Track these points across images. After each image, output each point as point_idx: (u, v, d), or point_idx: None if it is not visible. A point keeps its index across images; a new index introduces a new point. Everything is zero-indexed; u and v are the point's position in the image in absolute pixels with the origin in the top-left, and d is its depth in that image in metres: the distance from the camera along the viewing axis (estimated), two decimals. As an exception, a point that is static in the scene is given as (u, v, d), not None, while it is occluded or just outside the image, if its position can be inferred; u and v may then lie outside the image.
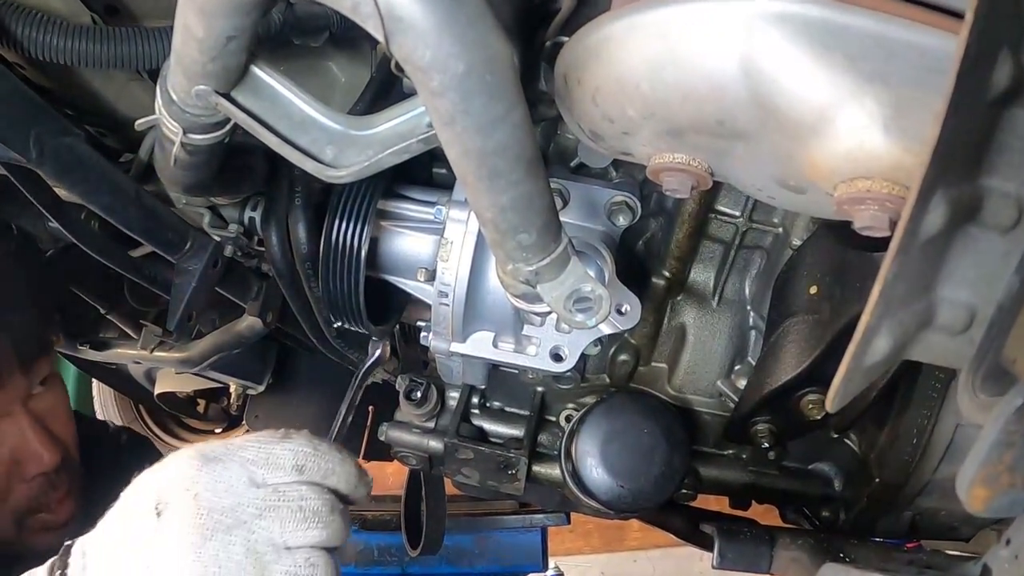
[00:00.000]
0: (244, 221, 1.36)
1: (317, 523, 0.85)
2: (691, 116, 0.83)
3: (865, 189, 0.77)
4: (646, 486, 1.11)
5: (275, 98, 0.97)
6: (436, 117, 0.74)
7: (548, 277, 0.90)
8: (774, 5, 0.75)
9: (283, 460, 0.87)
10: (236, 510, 0.83)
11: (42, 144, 1.14)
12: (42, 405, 1.32)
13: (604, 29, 0.84)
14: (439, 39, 0.66)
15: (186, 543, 0.81)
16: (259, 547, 0.83)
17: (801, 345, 1.08)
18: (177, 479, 0.85)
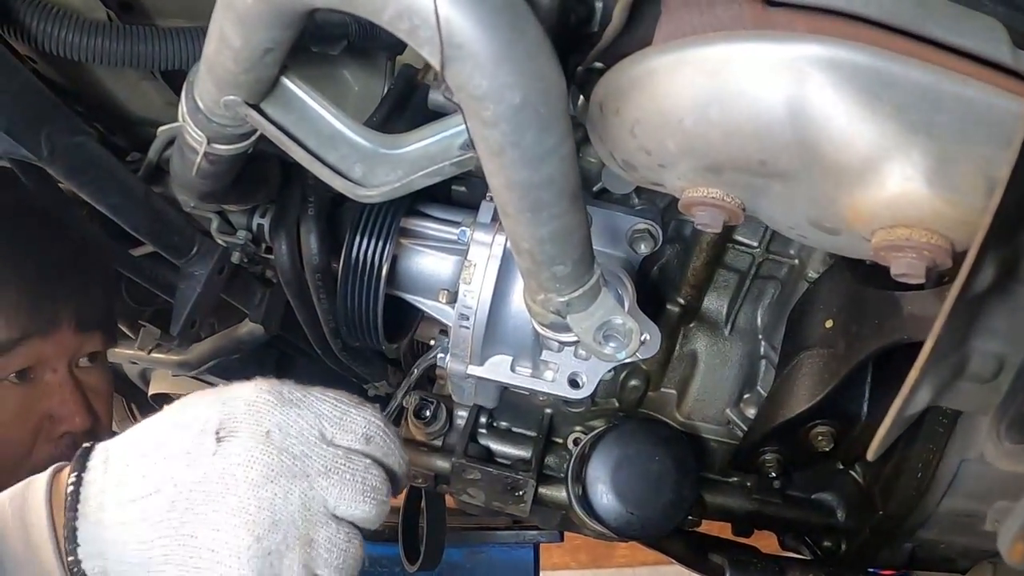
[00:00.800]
0: (252, 228, 1.35)
1: (372, 499, 0.81)
2: (733, 154, 0.83)
3: (904, 237, 0.77)
4: (655, 514, 1.11)
5: (305, 112, 0.95)
6: (484, 146, 0.73)
7: (578, 308, 0.89)
8: (826, 50, 0.75)
9: (356, 425, 0.83)
10: (304, 460, 0.79)
11: (53, 143, 1.11)
12: (87, 379, 1.32)
13: (650, 62, 0.83)
14: (497, 69, 0.65)
15: (247, 476, 0.77)
16: (313, 504, 0.79)
17: (815, 378, 1.08)
18: (248, 411, 0.80)
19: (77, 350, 1.31)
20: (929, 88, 0.74)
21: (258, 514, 0.77)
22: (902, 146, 0.75)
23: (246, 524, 0.76)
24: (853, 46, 0.75)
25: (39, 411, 1.27)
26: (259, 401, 0.81)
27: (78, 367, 1.32)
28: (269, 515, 0.77)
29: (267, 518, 0.77)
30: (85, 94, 1.32)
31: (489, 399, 1.18)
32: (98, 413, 1.33)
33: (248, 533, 0.76)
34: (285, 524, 0.77)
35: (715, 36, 0.79)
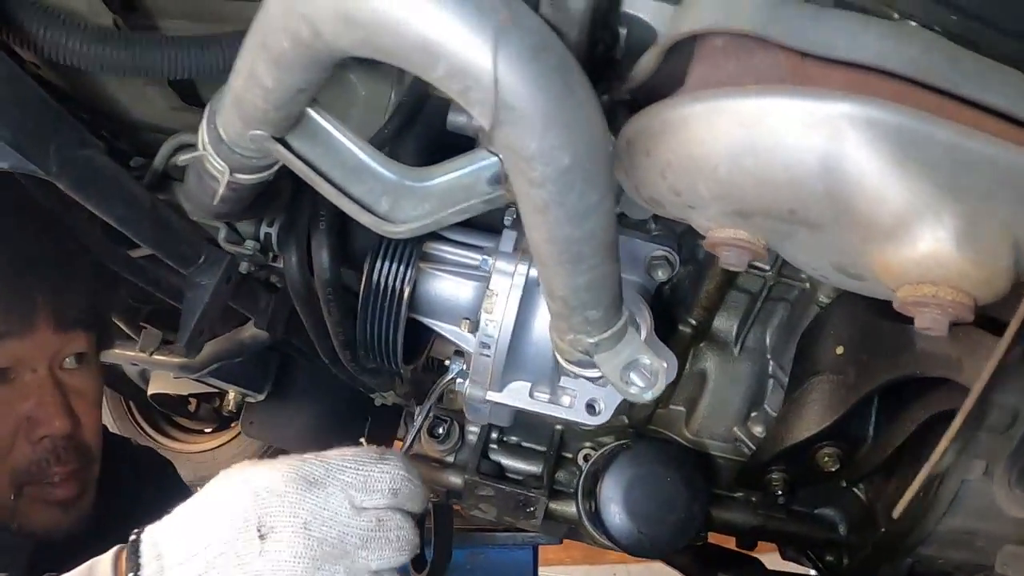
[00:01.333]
0: (260, 237, 1.34)
1: (407, 551, 0.91)
2: (764, 202, 0.84)
3: (931, 294, 0.79)
4: (666, 533, 1.14)
5: (330, 143, 0.94)
6: (527, 204, 0.74)
7: (606, 348, 0.91)
8: (861, 109, 0.76)
9: (380, 484, 0.90)
10: (342, 540, 0.87)
11: (61, 157, 1.08)
12: (71, 380, 1.30)
13: (685, 108, 0.84)
14: (546, 131, 0.65)
15: (297, 571, 0.85)
16: (358, 573, 0.88)
17: (825, 403, 1.11)
18: (281, 504, 0.87)
19: (59, 351, 1.29)
20: (957, 148, 0.75)
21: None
22: (933, 207, 0.76)
23: None
24: (887, 105, 0.76)
25: (17, 412, 1.26)
26: (288, 492, 0.88)
27: (62, 368, 1.30)
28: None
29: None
30: (89, 99, 1.30)
31: (504, 419, 1.20)
32: (79, 417, 1.31)
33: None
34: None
35: (753, 89, 0.80)
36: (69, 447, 1.28)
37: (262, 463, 0.93)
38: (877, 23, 0.80)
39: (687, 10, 0.84)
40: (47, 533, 1.28)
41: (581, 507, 1.23)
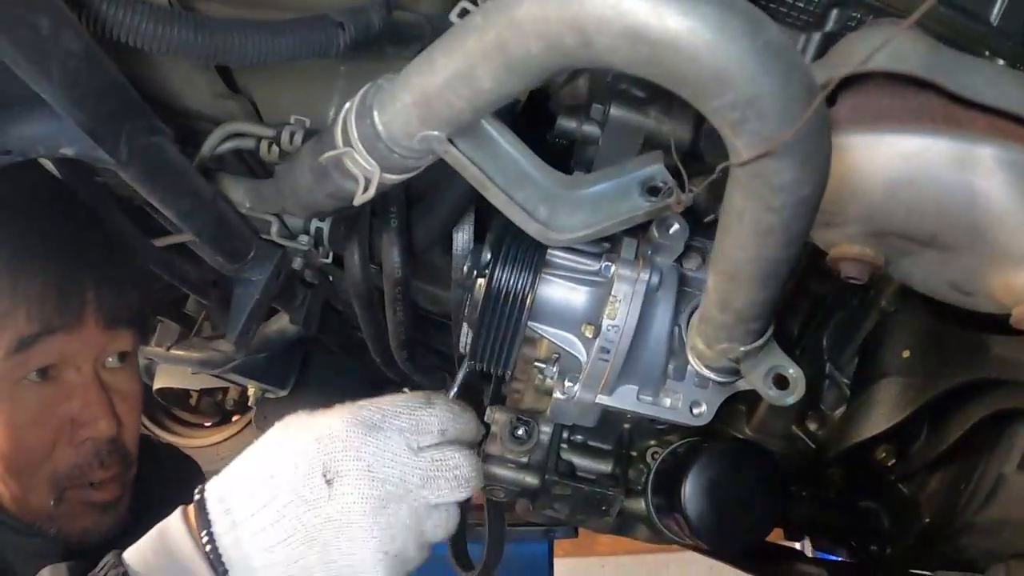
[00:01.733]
0: (311, 232, 1.46)
1: (466, 486, 1.09)
2: (909, 227, 1.08)
3: (1049, 312, 1.07)
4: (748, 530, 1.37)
5: (494, 149, 1.08)
6: (752, 226, 0.89)
7: (753, 356, 1.13)
8: (1009, 153, 1.01)
9: (431, 426, 1.09)
10: (404, 480, 1.05)
11: (132, 144, 1.17)
12: (114, 380, 1.39)
13: (846, 136, 1.06)
14: (804, 165, 0.81)
15: (363, 510, 1.03)
16: (420, 509, 1.07)
17: (892, 404, 1.38)
18: (344, 448, 1.04)
19: (104, 349, 1.37)
20: (1084, 191, 1.02)
21: (380, 533, 1.04)
22: (1065, 239, 1.03)
23: (373, 544, 1.04)
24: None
25: (61, 413, 1.33)
26: (350, 437, 1.05)
27: (105, 368, 1.38)
28: (388, 532, 1.05)
29: (387, 534, 1.05)
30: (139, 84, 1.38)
31: (591, 420, 1.39)
32: (122, 419, 1.40)
33: (377, 550, 1.04)
34: (402, 533, 1.06)
35: (916, 127, 1.03)
36: (112, 450, 1.37)
37: (317, 412, 1.11)
38: (1013, 74, 1.06)
39: (848, 52, 1.07)
40: (85, 536, 1.37)
41: (651, 503, 1.45)
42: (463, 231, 1.54)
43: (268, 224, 1.44)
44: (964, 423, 1.39)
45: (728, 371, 1.18)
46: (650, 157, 1.14)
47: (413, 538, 1.07)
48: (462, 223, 1.52)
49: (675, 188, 1.10)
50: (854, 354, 1.49)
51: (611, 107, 1.26)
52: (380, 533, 1.04)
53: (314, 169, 1.20)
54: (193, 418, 3.13)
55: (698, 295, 1.28)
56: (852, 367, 1.50)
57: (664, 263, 1.24)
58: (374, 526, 1.03)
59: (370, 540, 1.04)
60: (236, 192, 1.44)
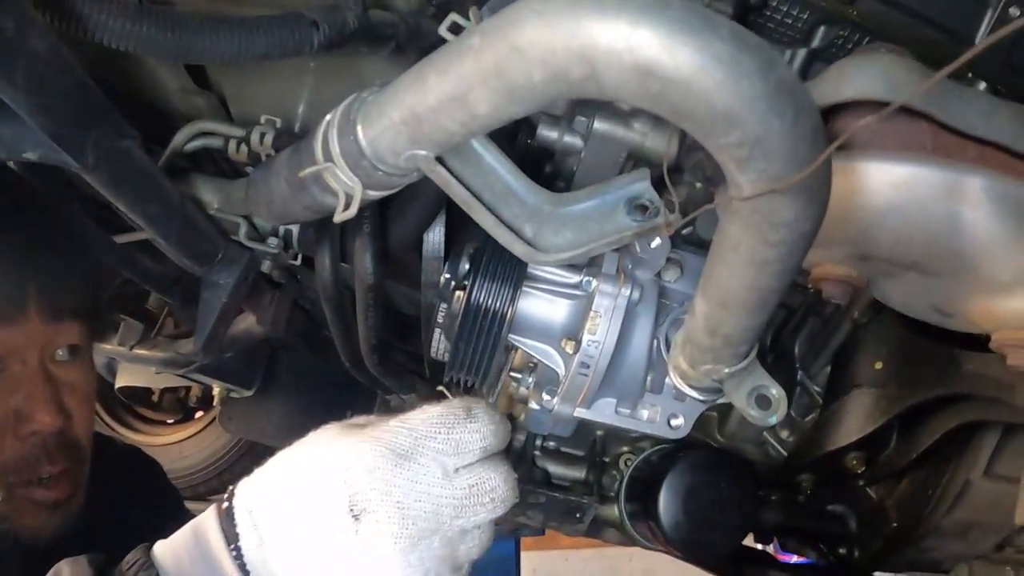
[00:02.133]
0: (280, 234, 1.42)
1: (502, 507, 1.01)
2: (894, 253, 1.08)
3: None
4: (722, 536, 1.38)
5: (481, 166, 1.07)
6: (748, 256, 0.88)
7: (737, 376, 1.12)
8: (997, 185, 1.01)
9: (472, 445, 1.00)
10: (437, 514, 0.97)
11: (99, 149, 1.13)
12: (62, 374, 1.35)
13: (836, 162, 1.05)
14: (807, 205, 0.81)
15: (395, 553, 0.95)
16: (454, 538, 0.99)
17: (864, 414, 1.39)
18: (371, 479, 0.96)
19: (50, 341, 1.33)
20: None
21: (411, 572, 0.97)
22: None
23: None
24: (1019, 183, 1.02)
25: (5, 406, 1.29)
26: (378, 468, 0.97)
27: (53, 361, 1.34)
28: (420, 568, 0.97)
29: (419, 571, 0.97)
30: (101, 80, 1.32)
31: (567, 430, 1.39)
32: (71, 412, 1.36)
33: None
34: (435, 566, 0.98)
35: (905, 156, 1.03)
36: (60, 444, 1.32)
37: (349, 429, 1.02)
38: (1005, 106, 1.05)
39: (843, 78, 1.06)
40: (35, 536, 1.32)
41: (624, 510, 1.45)
42: (434, 232, 1.51)
43: (237, 226, 1.40)
44: (933, 433, 1.41)
45: (710, 390, 1.17)
46: (636, 175, 1.12)
47: (447, 566, 1.00)
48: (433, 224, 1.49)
49: (663, 209, 1.09)
50: (826, 363, 1.50)
51: (595, 120, 1.24)
52: (411, 571, 0.97)
53: (291, 182, 1.17)
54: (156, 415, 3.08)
55: (677, 307, 1.28)
56: (824, 376, 1.50)
57: (644, 277, 1.23)
58: (405, 566, 0.96)
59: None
60: (205, 193, 1.40)
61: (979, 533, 1.52)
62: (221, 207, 1.40)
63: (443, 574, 1.01)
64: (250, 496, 1.00)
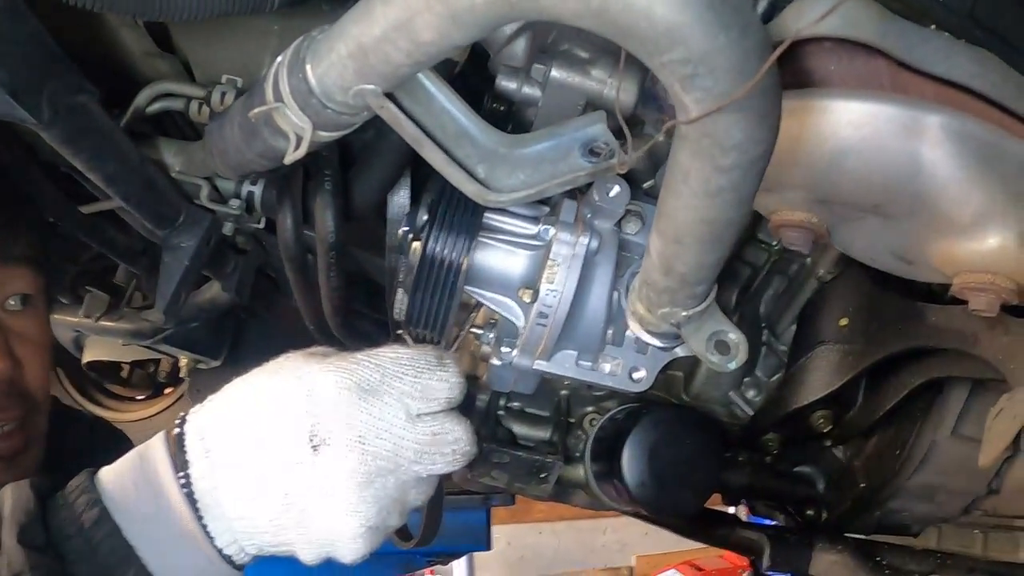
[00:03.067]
0: (243, 196, 1.39)
1: (462, 461, 1.02)
2: (853, 195, 1.06)
3: (988, 281, 1.05)
4: (688, 495, 1.35)
5: (431, 105, 1.04)
6: (699, 186, 0.86)
7: (696, 320, 1.10)
8: (957, 123, 0.99)
9: (439, 393, 1.00)
10: (396, 454, 0.96)
11: (55, 104, 1.09)
12: (13, 322, 1.33)
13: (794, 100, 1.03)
14: (758, 124, 0.78)
15: (351, 486, 0.94)
16: (408, 483, 0.99)
17: (830, 370, 1.37)
18: (335, 413, 0.95)
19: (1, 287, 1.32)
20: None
21: (365, 508, 0.96)
22: (1005, 210, 1.01)
23: (355, 519, 0.96)
24: (977, 122, 1.00)
25: None
26: (342, 402, 0.96)
27: (4, 309, 1.33)
28: (374, 506, 0.96)
29: (372, 509, 0.96)
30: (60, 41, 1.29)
31: (529, 387, 1.36)
32: (21, 360, 1.34)
33: (358, 523, 0.96)
34: (387, 506, 0.98)
35: (863, 93, 1.01)
36: (10, 392, 1.30)
37: (314, 358, 1.00)
38: (964, 47, 1.03)
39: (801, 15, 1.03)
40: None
41: (590, 470, 1.42)
42: (399, 194, 1.48)
43: (198, 188, 1.37)
44: (900, 390, 1.39)
45: (669, 336, 1.15)
46: (592, 117, 1.10)
47: (397, 509, 1.00)
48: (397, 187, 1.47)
49: (617, 149, 1.07)
50: (792, 322, 1.47)
51: (552, 68, 1.21)
52: (365, 508, 0.96)
53: (244, 126, 1.14)
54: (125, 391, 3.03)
55: (638, 259, 1.25)
56: (790, 335, 1.48)
57: (604, 227, 1.21)
58: (359, 501, 0.95)
59: (353, 514, 0.96)
60: (167, 155, 1.37)
61: (946, 495, 1.50)
62: (183, 169, 1.37)
63: (392, 516, 1.00)
64: (204, 422, 0.98)
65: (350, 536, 0.97)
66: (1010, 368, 1.18)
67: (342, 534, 0.97)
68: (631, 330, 1.19)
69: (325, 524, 0.96)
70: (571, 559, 4.69)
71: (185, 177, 1.36)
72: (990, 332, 1.19)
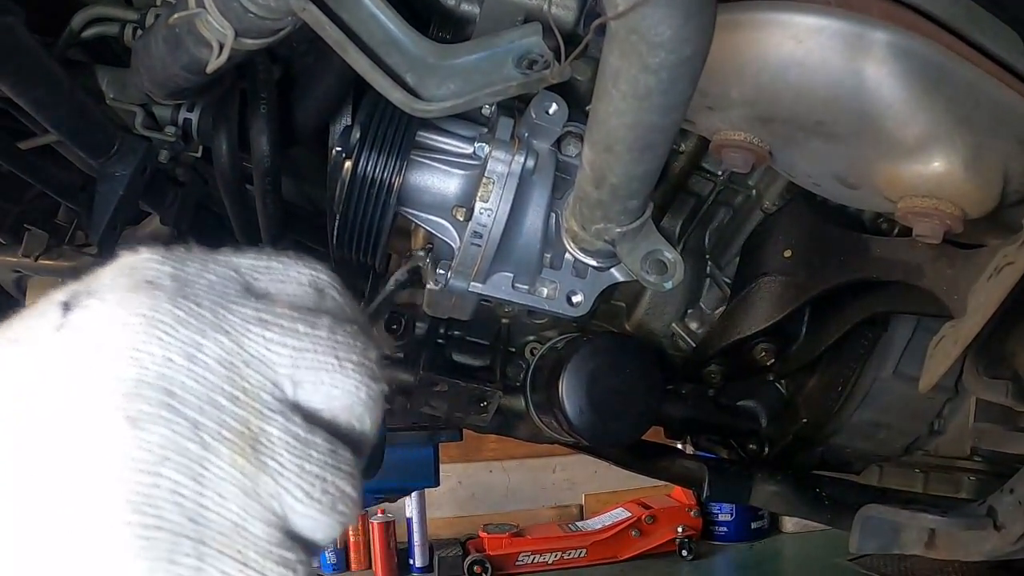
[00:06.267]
0: (179, 123, 1.32)
1: (353, 371, 0.55)
2: (795, 112, 1.00)
3: (932, 207, 1.00)
4: (627, 424, 1.31)
5: (359, 11, 0.99)
6: (628, 88, 0.80)
7: (631, 238, 1.04)
8: (905, 41, 0.93)
9: (299, 276, 0.57)
10: (223, 316, 0.51)
11: None
12: None
13: (734, 14, 0.97)
14: (686, 20, 0.73)
15: (115, 343, 0.49)
16: (249, 376, 0.51)
17: (773, 302, 1.32)
18: (117, 270, 0.54)
19: None
20: (975, 87, 0.95)
21: (136, 391, 0.47)
22: (950, 134, 0.96)
23: (116, 413, 0.46)
24: (925, 41, 0.94)
25: None
26: (136, 259, 0.54)
27: None
28: (160, 393, 0.48)
29: (155, 398, 0.47)
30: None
31: (466, 313, 1.30)
32: None
33: (123, 425, 0.46)
34: (194, 405, 0.48)
35: (808, 7, 0.95)
36: None
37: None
38: (911, -37, 0.97)
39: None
40: None
41: (530, 400, 1.37)
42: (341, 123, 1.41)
43: (133, 115, 1.29)
44: (843, 325, 1.35)
45: (605, 254, 1.10)
46: (527, 29, 1.03)
47: (231, 448, 0.46)
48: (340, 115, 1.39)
49: (552, 60, 1.00)
50: (736, 254, 1.42)
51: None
52: (134, 388, 0.48)
53: (168, 39, 1.08)
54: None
55: (576, 181, 1.19)
56: (733, 267, 1.43)
57: (541, 147, 1.15)
58: (126, 367, 0.48)
59: (104, 404, 0.47)
60: (100, 82, 1.30)
61: (888, 433, 1.47)
62: (116, 96, 1.30)
63: (214, 441, 0.49)
64: None
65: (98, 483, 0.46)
66: (954, 299, 1.13)
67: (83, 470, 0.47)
68: (568, 251, 1.13)
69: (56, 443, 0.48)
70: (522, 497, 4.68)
71: (118, 104, 1.29)
72: (935, 264, 1.15)
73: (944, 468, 1.51)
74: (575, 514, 4.76)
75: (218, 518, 0.48)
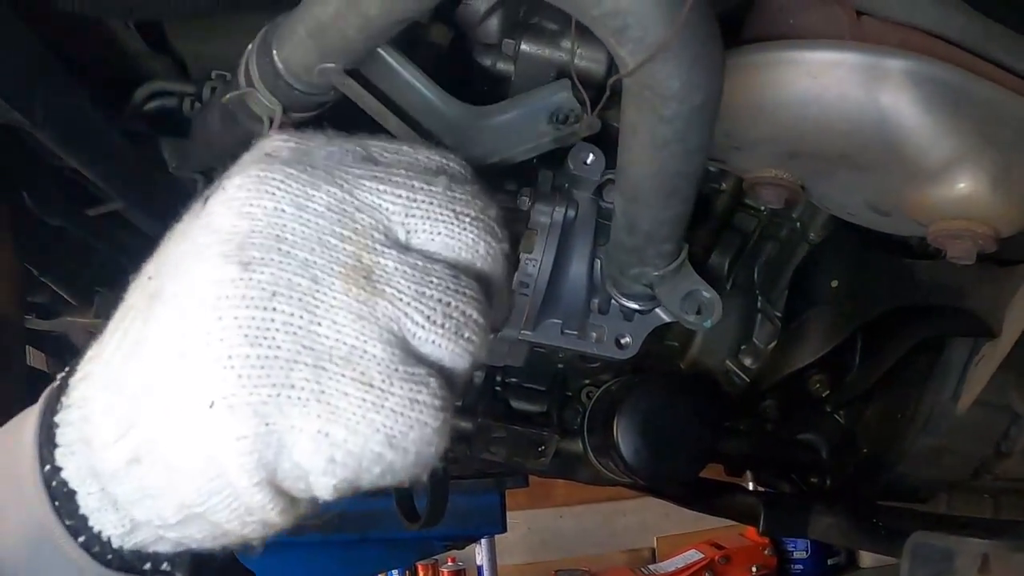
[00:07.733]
0: None
1: (473, 226, 0.59)
2: (819, 147, 1.02)
3: (964, 228, 1.00)
4: (683, 463, 1.32)
5: (395, 80, 1.03)
6: (648, 139, 0.85)
7: (669, 280, 1.07)
8: (921, 67, 0.95)
9: (430, 161, 0.63)
10: (340, 174, 0.57)
11: (47, 105, 1.11)
12: None
13: (749, 56, 1.00)
14: (692, 70, 0.77)
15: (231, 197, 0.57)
16: (360, 219, 0.56)
17: (822, 333, 1.33)
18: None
19: None
20: (997, 106, 0.96)
21: (249, 239, 0.54)
22: (976, 155, 0.97)
23: (231, 260, 0.53)
24: (942, 65, 0.95)
25: None
26: (264, 140, 0.62)
27: None
28: (270, 239, 0.54)
29: (265, 244, 0.54)
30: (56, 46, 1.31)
31: (520, 359, 1.34)
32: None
33: (236, 270, 0.53)
34: (304, 246, 0.54)
35: (821, 43, 0.97)
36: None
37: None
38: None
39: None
40: None
41: (588, 443, 1.40)
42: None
43: (195, 182, 1.38)
44: (895, 351, 1.35)
45: (645, 298, 1.12)
46: (557, 85, 1.07)
47: (343, 279, 0.53)
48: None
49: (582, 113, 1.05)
50: (785, 287, 1.43)
51: (522, 42, 1.20)
52: (245, 224, 0.56)
53: (223, 114, 1.15)
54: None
55: (618, 228, 1.23)
56: (783, 300, 1.44)
57: (581, 196, 1.19)
58: (243, 207, 0.57)
59: (216, 241, 0.56)
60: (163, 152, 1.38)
61: (952, 458, 1.46)
62: (179, 165, 1.38)
63: (327, 274, 0.54)
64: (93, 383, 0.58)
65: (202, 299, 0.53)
66: (997, 318, 1.13)
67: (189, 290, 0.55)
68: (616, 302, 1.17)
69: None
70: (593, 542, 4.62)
71: (181, 173, 1.37)
72: (977, 284, 1.15)
73: (1015, 491, 1.48)
74: (647, 557, 4.68)
75: (335, 343, 0.52)
